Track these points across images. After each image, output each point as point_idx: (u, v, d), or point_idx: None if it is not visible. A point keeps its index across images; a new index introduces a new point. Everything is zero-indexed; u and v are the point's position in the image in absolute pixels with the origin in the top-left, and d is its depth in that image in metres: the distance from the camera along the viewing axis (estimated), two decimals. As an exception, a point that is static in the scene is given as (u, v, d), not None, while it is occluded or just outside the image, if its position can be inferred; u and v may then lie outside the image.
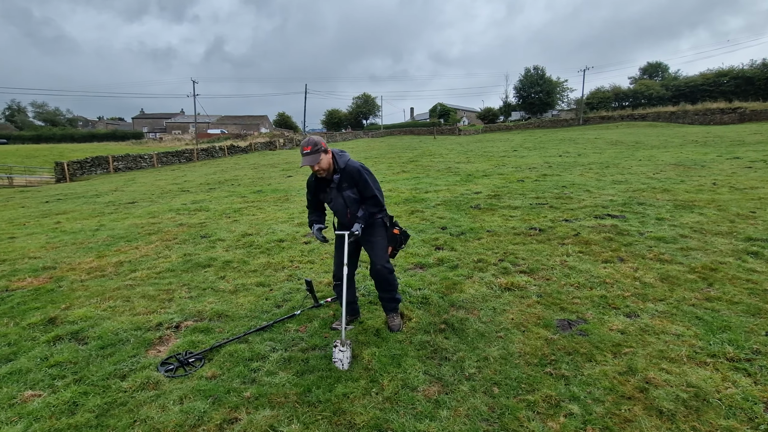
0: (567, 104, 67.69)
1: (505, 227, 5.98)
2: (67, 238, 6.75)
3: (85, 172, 26.30)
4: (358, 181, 3.00)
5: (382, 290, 3.21)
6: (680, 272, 4.02)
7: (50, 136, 64.56)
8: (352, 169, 2.99)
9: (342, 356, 2.73)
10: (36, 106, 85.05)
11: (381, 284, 3.19)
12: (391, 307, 3.26)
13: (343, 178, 3.00)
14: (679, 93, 53.42)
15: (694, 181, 8.83)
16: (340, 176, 3.00)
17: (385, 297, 3.23)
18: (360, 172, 3.00)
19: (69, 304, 3.93)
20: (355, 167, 3.00)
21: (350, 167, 3.00)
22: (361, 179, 2.99)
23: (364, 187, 3.02)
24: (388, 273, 3.13)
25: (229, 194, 11.25)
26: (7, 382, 2.69)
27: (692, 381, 2.42)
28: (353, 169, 2.99)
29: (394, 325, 3.20)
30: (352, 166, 3.00)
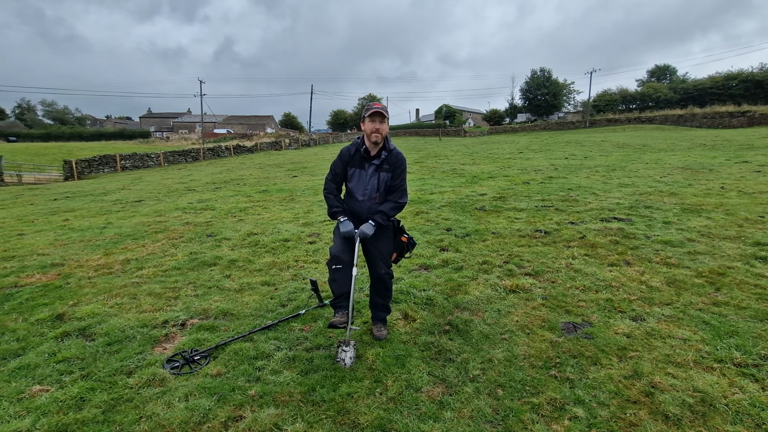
0: (573, 106, 67.43)
1: (510, 229, 5.96)
2: (75, 236, 6.82)
3: (93, 171, 26.55)
4: (398, 168, 2.96)
5: (380, 296, 3.11)
6: (687, 276, 3.99)
7: (59, 134, 65.29)
8: (398, 154, 2.97)
9: (345, 356, 2.74)
10: (45, 105, 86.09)
11: (380, 289, 3.09)
12: (382, 317, 3.18)
13: (388, 159, 2.95)
14: (687, 96, 53.03)
15: (702, 185, 8.75)
16: (387, 156, 2.94)
17: (380, 304, 3.13)
18: (404, 160, 3.01)
19: (77, 301, 3.97)
20: (402, 155, 2.99)
21: (397, 151, 2.98)
22: (402, 167, 2.99)
23: (400, 176, 2.98)
24: (389, 278, 3.07)
25: (235, 194, 11.31)
26: (16, 377, 2.72)
27: (699, 386, 2.40)
28: (399, 154, 2.98)
29: (382, 335, 3.09)
30: (399, 151, 2.99)
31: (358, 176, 2.98)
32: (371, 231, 2.87)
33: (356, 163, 2.98)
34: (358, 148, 2.96)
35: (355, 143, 2.98)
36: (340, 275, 2.89)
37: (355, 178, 2.99)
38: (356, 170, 2.98)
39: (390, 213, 2.96)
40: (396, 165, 2.96)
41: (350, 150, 2.99)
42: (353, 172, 2.99)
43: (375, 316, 3.19)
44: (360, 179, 2.98)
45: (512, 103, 72.16)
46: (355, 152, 2.97)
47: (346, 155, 2.99)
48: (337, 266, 2.89)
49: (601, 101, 59.48)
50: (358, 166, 2.98)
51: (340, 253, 2.89)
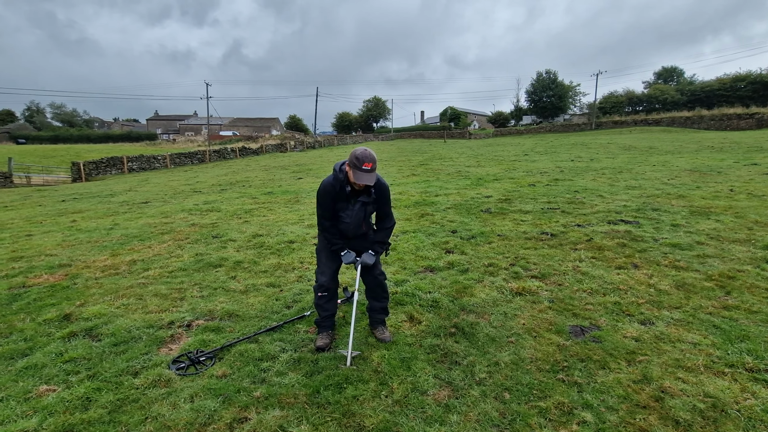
0: (579, 108, 67.13)
1: (516, 231, 5.93)
2: (83, 237, 6.87)
3: (100, 172, 26.80)
4: (384, 198, 3.00)
5: (379, 299, 3.16)
6: (696, 280, 3.94)
7: (67, 136, 66.05)
8: (383, 185, 2.97)
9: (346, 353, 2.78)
10: (54, 107, 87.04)
11: (378, 293, 3.15)
12: (381, 319, 3.21)
13: (376, 194, 2.95)
14: (695, 98, 52.60)
15: (711, 188, 8.66)
16: (375, 192, 2.93)
17: (379, 307, 3.17)
18: (388, 190, 3.03)
19: (83, 301, 3.99)
20: (385, 184, 3.00)
21: (382, 183, 2.96)
22: (387, 195, 3.02)
23: (386, 203, 3.03)
24: (384, 278, 3.17)
25: (241, 195, 11.35)
26: (23, 377, 2.74)
27: (710, 391, 2.36)
28: (384, 186, 2.98)
29: (386, 337, 3.10)
30: (383, 182, 2.98)
31: (344, 208, 2.97)
32: (372, 260, 2.99)
33: (341, 198, 2.93)
34: (342, 185, 2.89)
35: (337, 179, 2.88)
36: (325, 301, 3.08)
37: (341, 211, 2.98)
38: (342, 203, 2.95)
39: (386, 241, 3.12)
40: (382, 197, 2.98)
41: (335, 187, 2.90)
42: (339, 206, 2.97)
43: (375, 320, 3.20)
44: (346, 210, 2.97)
45: (517, 105, 71.93)
46: (341, 189, 2.90)
47: (332, 192, 2.90)
48: (324, 294, 3.06)
49: (607, 103, 59.15)
50: (343, 201, 2.94)
51: (329, 283, 3.05)
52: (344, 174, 2.88)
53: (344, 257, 2.98)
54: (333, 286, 3.09)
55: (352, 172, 2.77)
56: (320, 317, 3.11)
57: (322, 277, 3.05)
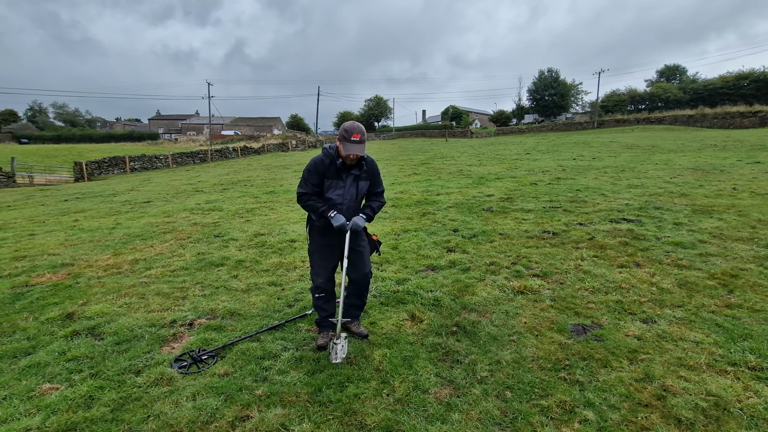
0: (581, 107, 66.95)
1: (517, 230, 5.92)
2: (85, 236, 6.89)
3: (102, 172, 26.87)
4: (376, 174, 3.04)
5: (361, 297, 3.20)
6: (699, 278, 3.93)
7: (70, 136, 66.26)
8: (372, 161, 3.02)
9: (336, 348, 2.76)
10: (57, 107, 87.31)
11: (361, 290, 3.18)
12: (358, 314, 3.26)
13: (367, 168, 2.97)
14: (698, 96, 52.37)
15: (713, 186, 8.63)
16: (364, 165, 2.94)
17: (358, 304, 3.22)
18: (377, 165, 3.07)
19: (86, 300, 4.01)
20: (374, 160, 3.06)
21: (371, 158, 3.01)
22: (378, 172, 3.06)
23: (378, 180, 3.07)
24: (370, 278, 3.20)
25: (242, 195, 11.37)
26: (26, 375, 2.75)
27: (712, 390, 2.36)
28: (373, 161, 3.03)
29: (362, 331, 3.14)
30: (372, 159, 3.03)
31: (335, 186, 2.92)
32: (363, 222, 2.94)
33: (332, 175, 2.90)
34: (332, 160, 2.87)
35: (327, 155, 2.88)
36: (323, 302, 3.10)
37: (332, 189, 2.92)
38: (333, 181, 2.91)
39: (377, 210, 3.08)
40: (374, 172, 3.02)
41: (324, 161, 2.88)
42: (330, 183, 2.91)
43: (352, 315, 3.21)
44: (337, 189, 2.92)
45: (519, 104, 71.78)
46: (330, 164, 2.88)
47: (321, 167, 2.88)
48: (321, 295, 3.08)
49: (609, 102, 58.96)
50: (335, 177, 2.90)
51: (325, 284, 3.07)
52: (335, 149, 2.89)
53: (334, 219, 2.84)
54: (329, 287, 3.11)
55: (342, 145, 2.78)
56: (320, 317, 3.14)
57: (318, 279, 3.06)
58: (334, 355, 2.76)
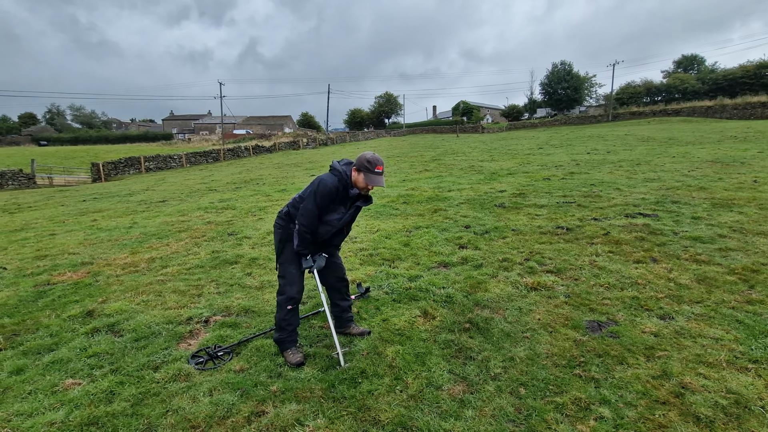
0: (595, 100, 65.73)
1: (530, 226, 5.86)
2: (103, 235, 7.06)
3: (118, 173, 27.42)
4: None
5: (345, 297, 3.20)
6: (718, 273, 3.84)
7: (87, 137, 67.76)
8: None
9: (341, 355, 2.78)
10: (74, 109, 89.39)
11: (343, 290, 3.18)
12: (351, 316, 3.23)
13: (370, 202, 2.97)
14: (717, 87, 50.95)
15: (733, 179, 8.40)
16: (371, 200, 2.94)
17: (346, 305, 3.20)
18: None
19: (105, 298, 4.11)
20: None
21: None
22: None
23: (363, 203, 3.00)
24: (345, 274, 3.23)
25: (255, 193, 11.48)
26: (50, 371, 2.84)
27: (732, 387, 2.31)
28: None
29: (364, 330, 3.15)
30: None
31: (336, 210, 2.85)
32: (323, 263, 2.93)
33: (339, 201, 2.82)
34: (345, 187, 2.77)
35: (342, 181, 2.76)
36: (294, 314, 2.90)
37: (332, 213, 2.84)
38: (336, 206, 2.83)
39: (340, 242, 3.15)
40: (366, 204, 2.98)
41: (339, 188, 2.77)
42: (332, 207, 2.83)
43: (345, 318, 3.19)
44: (337, 214, 2.85)
45: (531, 97, 70.79)
46: (343, 190, 2.78)
47: (335, 194, 2.77)
48: (294, 306, 2.90)
49: (624, 94, 57.76)
50: (340, 203, 2.84)
51: (299, 293, 2.93)
52: (347, 176, 2.78)
53: (305, 261, 2.84)
54: (301, 297, 2.98)
55: (362, 176, 2.71)
56: (287, 332, 2.87)
57: (292, 288, 2.86)
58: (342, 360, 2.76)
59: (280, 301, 2.89)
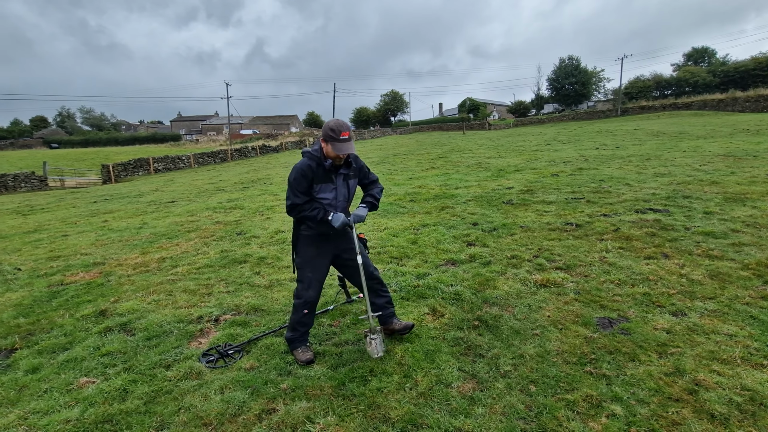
0: (604, 95, 65.04)
1: (539, 223, 5.82)
2: (114, 236, 7.15)
3: (128, 174, 27.75)
4: (362, 168, 2.91)
5: (379, 293, 3.00)
6: (732, 269, 3.78)
7: (96, 140, 68.74)
8: (356, 157, 2.87)
9: (375, 344, 2.73)
10: (84, 112, 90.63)
11: (376, 287, 2.99)
12: (392, 311, 3.06)
13: (352, 166, 2.84)
14: (728, 79, 50.11)
15: (746, 173, 8.26)
16: (351, 163, 2.81)
17: (383, 302, 3.01)
18: (359, 159, 2.92)
19: (117, 298, 4.16)
20: (356, 155, 2.86)
21: (354, 155, 2.81)
22: (364, 164, 2.95)
23: (368, 171, 2.96)
24: (378, 272, 3.03)
25: (262, 192, 11.54)
26: (65, 369, 2.88)
27: (747, 384, 2.27)
28: (357, 157, 2.88)
29: (407, 323, 3.01)
30: (355, 155, 2.83)
31: (326, 189, 2.77)
32: (365, 213, 2.79)
33: (321, 178, 2.74)
34: (319, 162, 2.72)
35: (313, 158, 2.71)
36: (310, 317, 2.87)
37: (323, 192, 2.77)
38: (322, 185, 2.75)
39: (379, 196, 2.96)
40: (360, 166, 2.90)
41: (311, 165, 2.70)
42: (319, 187, 2.75)
43: (387, 314, 3.03)
44: (328, 191, 2.78)
45: (538, 93, 70.22)
46: (318, 166, 2.72)
47: (309, 172, 2.70)
48: (310, 311, 2.85)
49: (633, 88, 57.05)
50: (323, 180, 2.74)
51: (316, 297, 2.85)
52: (319, 151, 2.71)
53: (333, 221, 2.69)
54: (318, 300, 2.92)
55: (330, 146, 2.62)
56: (299, 333, 2.86)
57: (308, 293, 2.81)
58: (374, 350, 2.72)
59: (296, 305, 2.85)
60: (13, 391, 2.67)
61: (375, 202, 2.92)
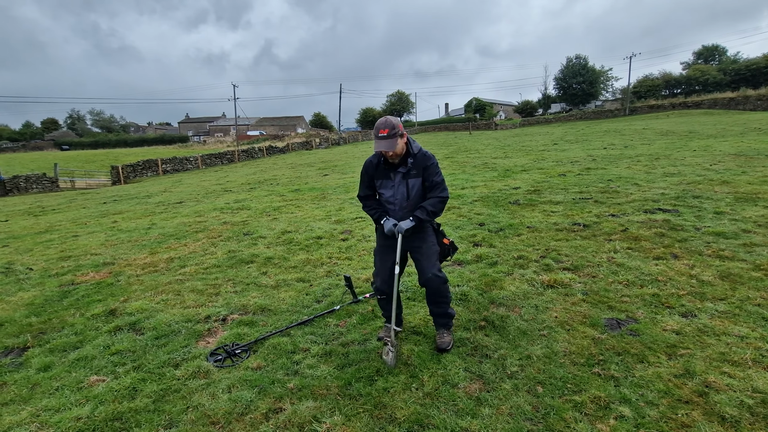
0: (612, 94, 64.47)
1: (546, 223, 5.78)
2: (124, 236, 7.23)
3: (137, 175, 28.06)
4: (428, 168, 2.75)
5: (433, 303, 2.90)
6: (743, 270, 3.72)
7: (106, 141, 69.63)
8: (424, 154, 2.77)
9: (389, 357, 2.71)
10: (94, 114, 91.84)
11: (432, 296, 2.87)
12: (442, 323, 2.93)
13: (415, 164, 2.75)
14: (739, 77, 49.42)
15: (758, 172, 8.13)
16: (413, 162, 2.74)
17: (436, 311, 2.91)
18: (432, 157, 2.80)
19: (127, 297, 4.21)
20: (428, 154, 2.78)
21: (423, 152, 2.78)
22: (432, 165, 2.77)
23: (433, 172, 2.76)
24: (441, 283, 2.80)
25: (269, 193, 11.61)
26: (76, 368, 2.92)
27: (759, 386, 2.24)
28: (426, 154, 2.77)
29: (443, 342, 2.84)
30: (424, 152, 2.78)
31: (386, 186, 2.83)
32: (408, 225, 2.72)
33: (381, 174, 2.83)
34: (379, 159, 2.80)
35: (376, 154, 2.79)
36: (385, 303, 2.98)
37: (384, 188, 2.85)
38: (382, 181, 2.83)
39: (430, 208, 2.74)
40: (425, 166, 2.76)
41: (373, 161, 2.83)
42: (380, 183, 2.84)
43: (435, 323, 2.99)
44: (388, 188, 2.83)
45: (545, 93, 69.80)
46: (378, 163, 2.81)
47: (371, 168, 2.84)
48: (381, 297, 2.97)
49: (641, 87, 56.50)
50: (384, 176, 2.82)
51: (382, 285, 2.89)
52: None
53: (385, 224, 2.76)
54: (388, 289, 2.88)
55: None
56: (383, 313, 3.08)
57: (376, 280, 2.91)
58: (390, 360, 2.70)
59: (373, 289, 3.02)
60: (25, 388, 2.72)
61: (421, 216, 2.74)
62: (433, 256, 2.84)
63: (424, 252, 2.83)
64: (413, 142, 2.81)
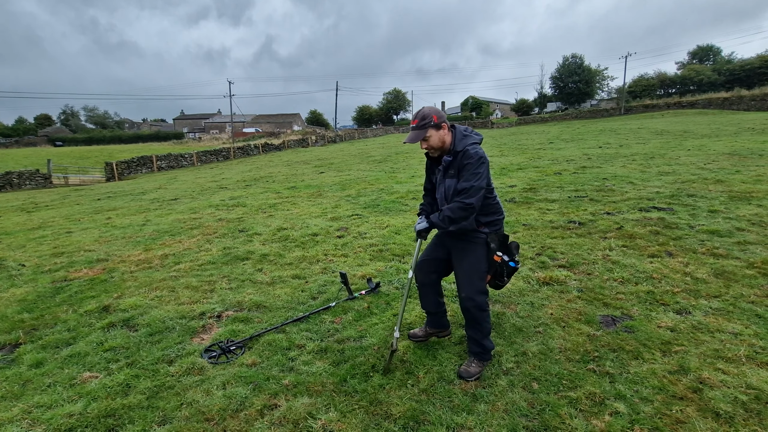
0: (607, 93, 64.77)
1: (542, 221, 5.79)
2: (118, 233, 7.17)
3: (131, 172, 27.84)
4: (464, 169, 2.37)
5: (467, 326, 2.59)
6: (737, 267, 3.75)
7: (100, 138, 68.99)
8: (466, 152, 2.38)
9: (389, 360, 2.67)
10: (88, 110, 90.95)
11: (465, 318, 2.56)
12: (474, 351, 2.57)
13: (453, 162, 2.44)
14: (734, 77, 49.79)
15: (752, 171, 8.19)
16: (451, 159, 2.45)
17: (469, 334, 2.58)
18: (474, 156, 2.35)
19: (120, 294, 4.17)
20: (470, 151, 2.37)
21: (465, 150, 2.38)
22: (469, 165, 2.35)
23: (467, 174, 2.36)
24: (475, 308, 2.45)
25: (265, 190, 11.55)
26: (68, 364, 2.89)
27: (752, 383, 2.25)
28: (468, 152, 2.37)
29: (465, 370, 2.48)
30: (469, 149, 2.38)
31: (438, 183, 2.63)
32: (420, 227, 2.56)
33: (430, 171, 2.73)
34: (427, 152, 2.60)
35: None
36: (423, 295, 2.85)
37: (437, 186, 2.65)
38: (435, 177, 2.68)
39: (447, 213, 2.40)
40: (462, 166, 2.39)
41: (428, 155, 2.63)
42: (435, 179, 2.68)
43: (467, 347, 2.66)
44: (438, 186, 2.62)
45: (541, 92, 69.99)
46: (428, 159, 2.67)
47: (427, 163, 2.71)
48: (419, 287, 2.85)
49: (637, 87, 56.82)
50: (432, 172, 2.72)
51: (417, 272, 2.77)
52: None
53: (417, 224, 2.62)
54: (426, 279, 2.72)
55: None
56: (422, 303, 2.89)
57: (415, 272, 2.75)
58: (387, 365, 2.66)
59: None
60: (17, 385, 2.69)
61: (434, 220, 2.49)
62: (474, 275, 2.48)
63: (465, 269, 2.52)
64: (465, 136, 2.46)
